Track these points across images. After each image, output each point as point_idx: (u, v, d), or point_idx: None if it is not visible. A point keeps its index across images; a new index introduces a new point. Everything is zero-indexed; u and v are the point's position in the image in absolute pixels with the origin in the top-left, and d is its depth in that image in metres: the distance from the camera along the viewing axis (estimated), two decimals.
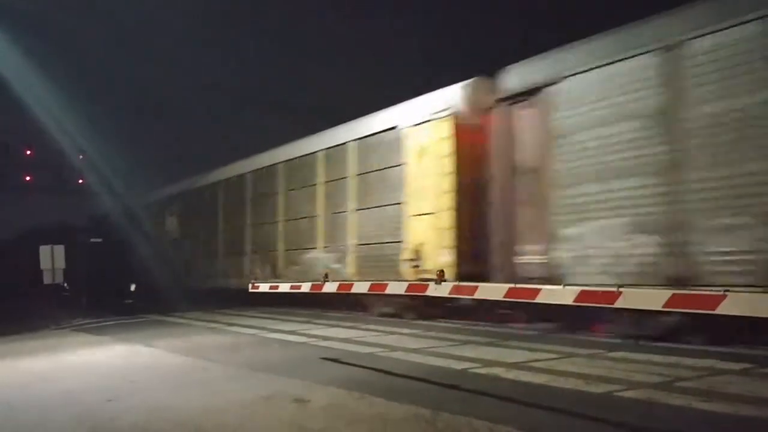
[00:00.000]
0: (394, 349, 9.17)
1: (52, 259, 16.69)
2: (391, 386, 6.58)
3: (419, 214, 12.67)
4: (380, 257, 13.83)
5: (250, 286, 10.57)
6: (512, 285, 5.56)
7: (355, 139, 15.04)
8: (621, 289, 4.65)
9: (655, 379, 6.49)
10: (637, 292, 5.18)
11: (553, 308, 8.49)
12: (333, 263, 15.25)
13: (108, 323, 15.92)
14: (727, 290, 4.28)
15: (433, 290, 6.28)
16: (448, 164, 12.11)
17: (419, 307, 12.87)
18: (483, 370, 7.33)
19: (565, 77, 9.92)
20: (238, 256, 20.33)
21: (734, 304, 4.17)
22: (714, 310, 4.25)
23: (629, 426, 4.96)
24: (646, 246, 8.66)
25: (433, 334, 10.69)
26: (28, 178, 34.95)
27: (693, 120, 8.32)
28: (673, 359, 7.48)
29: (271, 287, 10.39)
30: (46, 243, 17.16)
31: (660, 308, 4.57)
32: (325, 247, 15.92)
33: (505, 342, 9.50)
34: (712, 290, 4.49)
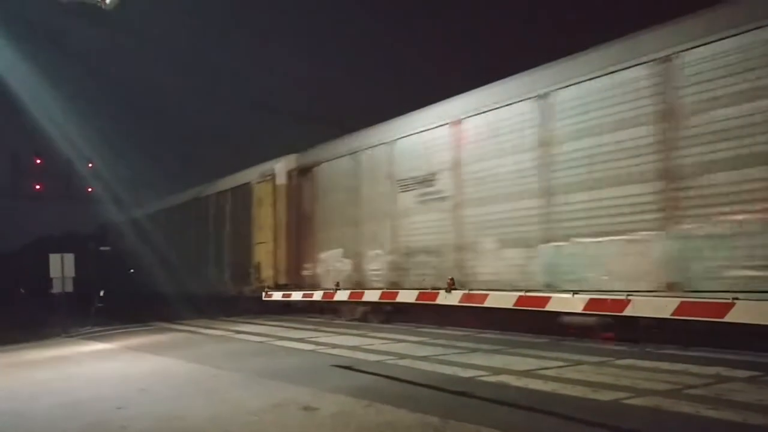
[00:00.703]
0: (402, 356, 9.19)
1: (61, 267, 16.78)
2: (400, 394, 6.60)
3: (259, 242, 18.28)
4: (243, 271, 19.01)
5: (263, 294, 10.84)
6: (522, 293, 5.58)
7: (231, 188, 20.65)
8: (630, 298, 4.67)
9: (663, 386, 6.49)
10: (646, 300, 5.21)
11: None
12: (218, 274, 21.01)
13: (117, 331, 15.98)
14: (735, 299, 4.31)
15: (443, 299, 6.30)
16: (271, 210, 17.83)
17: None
18: (491, 378, 7.34)
19: (320, 163, 16.21)
20: (171, 268, 25.05)
21: (742, 312, 4.19)
22: (723, 318, 4.28)
23: None
24: (347, 265, 14.80)
25: (441, 342, 10.70)
26: (38, 187, 35.16)
27: (363, 196, 14.43)
28: (680, 367, 7.47)
29: (284, 295, 10.58)
30: (55, 251, 17.25)
31: (669, 316, 4.59)
32: (214, 262, 21.46)
33: (513, 350, 9.51)
34: (717, 299, 4.49)
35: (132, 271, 26.55)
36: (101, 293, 23.57)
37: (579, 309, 5.09)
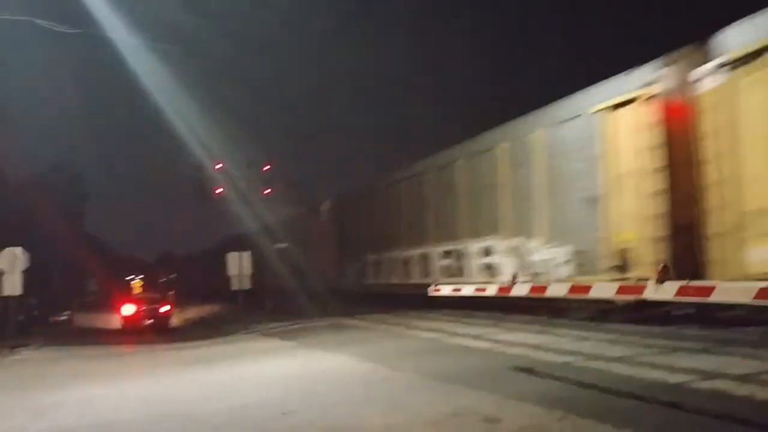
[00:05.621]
0: (592, 357, 8.13)
1: (239, 265, 17.24)
2: (597, 404, 5.66)
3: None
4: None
5: (431, 289, 10.03)
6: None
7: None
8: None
9: None
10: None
11: None
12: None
13: (293, 327, 16.12)
14: None
15: (653, 292, 5.29)
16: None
17: None
18: (705, 384, 6.17)
19: None
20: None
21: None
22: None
23: None
24: None
25: (634, 339, 9.45)
26: (219, 191, 37.47)
27: None
28: None
29: (453, 290, 9.81)
30: (236, 250, 17.81)
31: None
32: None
33: (722, 348, 8.10)
34: None
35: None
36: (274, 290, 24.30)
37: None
